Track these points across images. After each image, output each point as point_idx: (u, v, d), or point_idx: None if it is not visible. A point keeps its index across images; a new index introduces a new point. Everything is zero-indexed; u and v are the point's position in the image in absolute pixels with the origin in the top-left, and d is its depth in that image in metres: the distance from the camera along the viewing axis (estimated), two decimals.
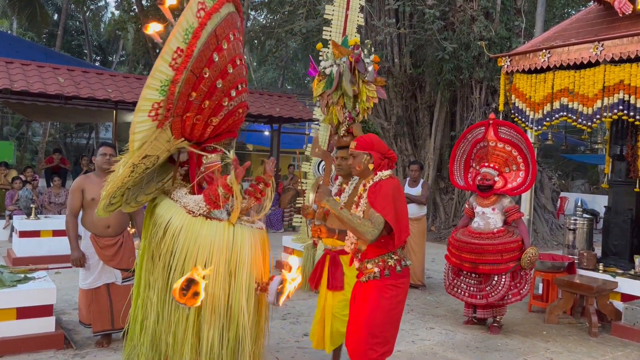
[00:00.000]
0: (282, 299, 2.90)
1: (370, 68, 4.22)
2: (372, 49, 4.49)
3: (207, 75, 2.95)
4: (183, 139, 3.15)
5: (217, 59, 2.96)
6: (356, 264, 3.20)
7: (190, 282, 2.59)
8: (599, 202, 14.73)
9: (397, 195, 3.01)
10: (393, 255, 3.07)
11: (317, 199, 3.05)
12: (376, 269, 3.05)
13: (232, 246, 3.03)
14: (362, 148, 3.11)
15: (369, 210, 3.01)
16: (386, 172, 3.10)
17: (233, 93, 3.14)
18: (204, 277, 2.65)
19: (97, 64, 26.81)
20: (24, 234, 7.79)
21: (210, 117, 3.10)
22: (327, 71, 4.36)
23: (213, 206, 3.07)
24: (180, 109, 2.96)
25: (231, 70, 3.07)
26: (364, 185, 3.16)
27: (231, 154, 3.16)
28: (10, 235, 9.18)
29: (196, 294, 2.59)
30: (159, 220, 3.14)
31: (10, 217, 9.46)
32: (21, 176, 10.98)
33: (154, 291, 3.13)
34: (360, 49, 4.24)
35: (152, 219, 3.23)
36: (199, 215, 3.07)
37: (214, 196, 3.04)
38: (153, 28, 3.16)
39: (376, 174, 3.10)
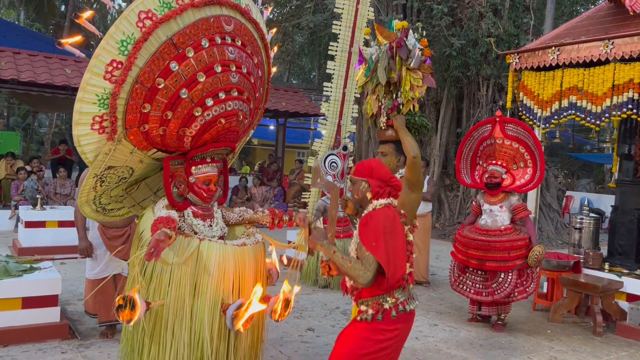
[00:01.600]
0: (239, 323, 2.75)
1: (418, 53, 3.69)
2: (424, 32, 4.02)
3: (161, 87, 2.81)
4: (155, 150, 3.07)
5: (176, 68, 2.80)
6: (353, 303, 2.87)
7: (127, 299, 2.55)
8: (605, 202, 14.67)
9: (389, 228, 2.63)
10: (389, 298, 2.68)
11: (312, 244, 2.75)
12: (370, 311, 2.68)
13: (197, 263, 2.91)
14: (359, 174, 2.79)
15: (359, 244, 2.68)
16: (382, 201, 2.72)
17: (209, 102, 2.95)
18: (138, 292, 2.61)
19: None
20: (29, 224, 7.81)
21: (180, 127, 2.96)
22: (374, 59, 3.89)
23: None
24: (134, 121, 2.85)
25: (202, 79, 2.88)
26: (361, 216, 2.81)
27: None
28: (16, 226, 9.22)
29: (131, 312, 2.55)
30: (137, 230, 3.12)
31: (16, 208, 9.49)
32: (27, 167, 11.01)
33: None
34: (408, 33, 3.72)
35: (138, 227, 3.20)
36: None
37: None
38: (85, 16, 2.98)
39: (372, 203, 2.73)
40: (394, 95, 3.75)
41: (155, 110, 2.86)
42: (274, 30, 3.60)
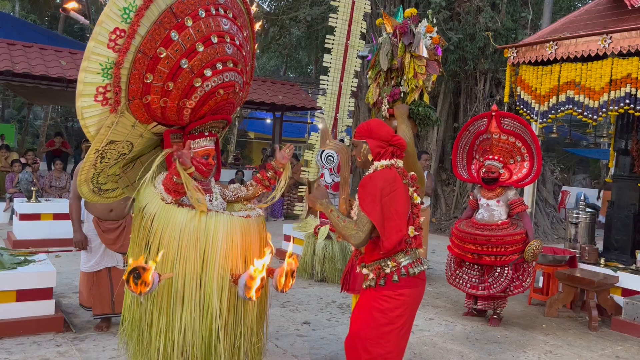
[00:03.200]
0: (252, 292, 2.73)
1: (425, 40, 3.55)
2: (434, 20, 3.91)
3: (163, 56, 2.81)
4: (156, 123, 3.05)
5: (176, 38, 2.81)
6: (357, 268, 2.86)
7: (139, 270, 2.52)
8: (602, 197, 14.70)
9: (388, 190, 2.56)
10: (389, 262, 2.62)
11: (311, 202, 2.78)
12: (371, 276, 2.66)
13: (205, 234, 2.90)
14: (360, 136, 2.73)
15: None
16: (384, 162, 2.67)
17: (208, 72, 2.95)
18: (155, 264, 2.60)
19: None
20: (24, 217, 7.78)
21: (181, 99, 2.97)
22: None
23: (175, 195, 2.96)
24: (137, 92, 2.84)
25: (201, 49, 2.89)
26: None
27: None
28: (11, 218, 9.18)
29: (144, 282, 2.52)
30: (137, 206, 3.08)
31: (11, 200, 9.45)
32: (22, 159, 10.95)
33: None
34: (418, 19, 3.60)
35: (136, 204, 3.16)
36: (170, 202, 2.97)
37: (171, 185, 2.94)
38: (70, 6, 3.01)
39: (373, 164, 2.70)
40: (397, 83, 3.59)
41: (157, 80, 2.86)
42: (259, 23, 3.58)
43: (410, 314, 2.69)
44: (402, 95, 3.57)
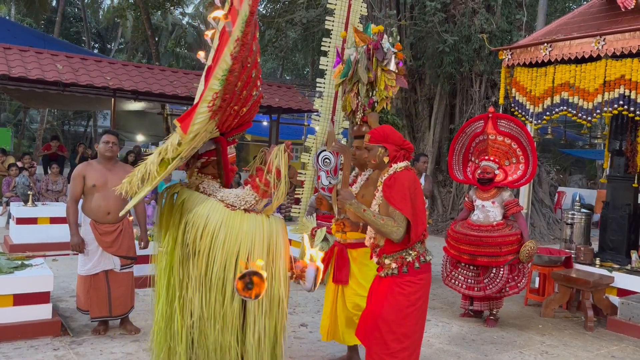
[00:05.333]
0: (319, 282, 2.91)
1: (392, 56, 4.03)
2: (398, 37, 4.38)
3: (249, 65, 2.92)
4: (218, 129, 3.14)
5: (255, 48, 2.93)
6: (375, 259, 3.15)
7: (252, 275, 2.64)
8: (596, 197, 14.76)
9: (413, 188, 2.94)
10: (411, 252, 3.00)
11: (340, 203, 3.00)
12: (394, 265, 2.99)
13: (270, 237, 3.02)
14: (376, 141, 3.04)
15: (383, 204, 2.99)
16: (402, 164, 3.02)
17: (258, 83, 3.12)
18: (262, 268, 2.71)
19: (95, 51, 26.67)
20: (21, 221, 7.77)
21: (242, 107, 3.08)
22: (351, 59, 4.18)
23: (264, 195, 3.05)
24: (230, 99, 2.93)
25: (259, 60, 3.05)
26: (382, 179, 3.07)
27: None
28: (7, 222, 9.16)
29: (258, 285, 2.65)
30: (194, 217, 3.02)
31: (7, 204, 9.43)
32: (18, 163, 10.93)
33: (194, 290, 3.01)
34: (383, 36, 4.04)
35: (181, 215, 3.09)
36: (239, 209, 3.03)
37: (264, 185, 3.01)
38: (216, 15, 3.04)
39: (391, 167, 3.03)
40: (370, 94, 4.05)
41: (240, 88, 2.96)
42: None
43: (426, 294, 3.09)
44: (375, 104, 4.06)
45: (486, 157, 5.66)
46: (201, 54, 3.18)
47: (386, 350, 2.95)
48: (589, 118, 5.72)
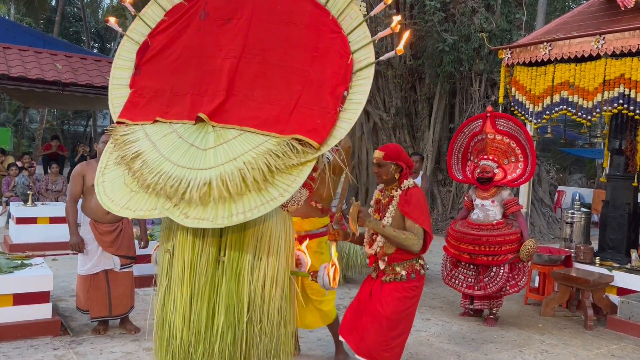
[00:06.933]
0: (332, 281, 2.93)
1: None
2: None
3: None
4: None
5: None
6: (381, 265, 3.41)
7: (333, 267, 2.85)
8: (593, 197, 14.76)
9: (425, 204, 3.33)
10: (420, 260, 3.40)
11: (360, 222, 3.18)
12: (404, 272, 3.33)
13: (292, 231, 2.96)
14: (389, 159, 3.32)
15: (396, 216, 3.31)
16: (410, 182, 3.36)
17: None
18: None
19: (95, 51, 26.65)
20: (20, 221, 7.77)
21: None
22: None
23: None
24: None
25: None
26: (389, 193, 3.40)
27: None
28: (7, 222, 9.17)
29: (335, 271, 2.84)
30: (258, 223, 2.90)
31: (7, 204, 9.44)
32: (18, 163, 10.94)
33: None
34: None
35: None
36: (286, 208, 2.97)
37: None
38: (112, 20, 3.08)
39: (402, 183, 3.35)
40: None
41: None
42: None
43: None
44: None
45: (485, 156, 5.66)
46: (111, 20, 3.11)
47: (385, 346, 3.29)
48: (589, 117, 5.72)
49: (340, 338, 3.61)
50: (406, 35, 2.96)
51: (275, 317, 2.83)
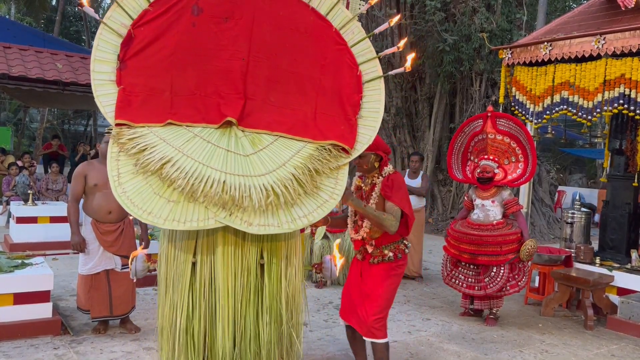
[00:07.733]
0: (338, 269, 3.15)
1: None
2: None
3: None
4: None
5: None
6: (369, 248, 3.58)
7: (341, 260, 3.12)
8: (597, 197, 14.77)
9: (404, 188, 3.50)
10: (404, 240, 3.61)
11: (344, 200, 3.21)
12: (391, 254, 3.55)
13: None
14: (369, 149, 3.31)
15: (379, 201, 3.45)
16: (389, 168, 3.52)
17: None
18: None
19: None
20: (21, 220, 7.78)
21: None
22: None
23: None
24: None
25: None
26: (371, 180, 3.54)
27: None
28: (8, 221, 9.17)
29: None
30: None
31: (8, 203, 9.44)
32: (18, 162, 10.94)
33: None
34: None
35: None
36: None
37: None
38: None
39: (382, 170, 3.50)
40: None
41: None
42: None
43: None
44: None
45: (485, 156, 5.66)
46: (84, 2, 2.89)
47: (381, 321, 3.56)
48: (589, 117, 5.73)
49: (342, 322, 3.81)
50: (411, 56, 3.11)
51: (299, 314, 2.92)
